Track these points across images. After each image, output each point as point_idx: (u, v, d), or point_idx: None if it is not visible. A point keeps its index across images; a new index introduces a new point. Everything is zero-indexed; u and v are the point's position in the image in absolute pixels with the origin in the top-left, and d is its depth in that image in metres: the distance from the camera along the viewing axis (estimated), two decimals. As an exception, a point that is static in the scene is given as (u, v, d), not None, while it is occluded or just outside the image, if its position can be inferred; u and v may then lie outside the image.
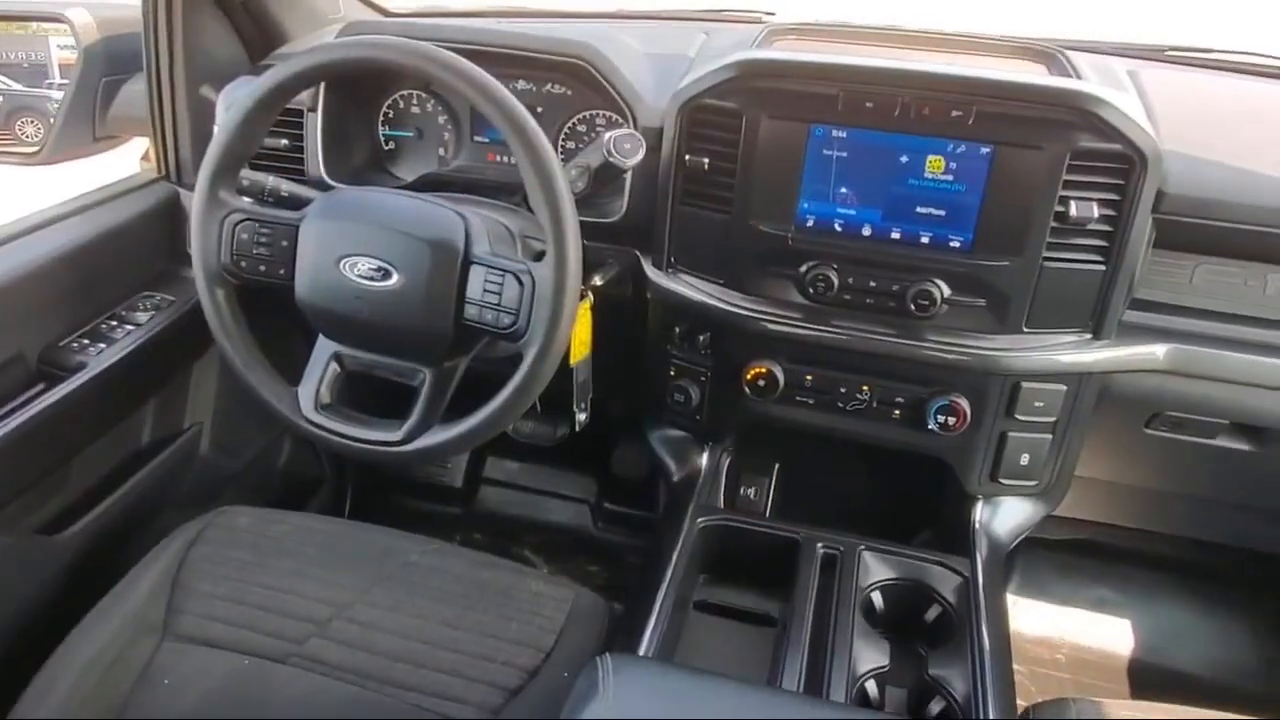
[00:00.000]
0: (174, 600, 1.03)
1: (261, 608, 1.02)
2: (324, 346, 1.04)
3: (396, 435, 1.00)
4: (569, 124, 1.28)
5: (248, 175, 1.07)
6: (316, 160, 1.26)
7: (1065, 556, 1.69)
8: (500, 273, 0.94)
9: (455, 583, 1.07)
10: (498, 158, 1.32)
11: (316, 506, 1.79)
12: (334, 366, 1.04)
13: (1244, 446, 1.17)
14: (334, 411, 1.03)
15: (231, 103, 1.27)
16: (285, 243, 1.00)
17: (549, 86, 1.27)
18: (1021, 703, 1.02)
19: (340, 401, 1.05)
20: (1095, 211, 1.01)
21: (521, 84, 1.27)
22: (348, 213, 1.00)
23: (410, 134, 1.35)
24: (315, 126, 1.26)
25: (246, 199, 1.07)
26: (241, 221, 1.01)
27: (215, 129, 1.30)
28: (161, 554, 1.07)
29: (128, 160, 1.49)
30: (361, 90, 1.32)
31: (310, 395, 1.03)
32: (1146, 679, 1.65)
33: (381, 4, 1.58)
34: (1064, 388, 1.11)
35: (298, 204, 1.05)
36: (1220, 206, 1.04)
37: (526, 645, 1.00)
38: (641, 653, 0.97)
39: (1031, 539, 1.27)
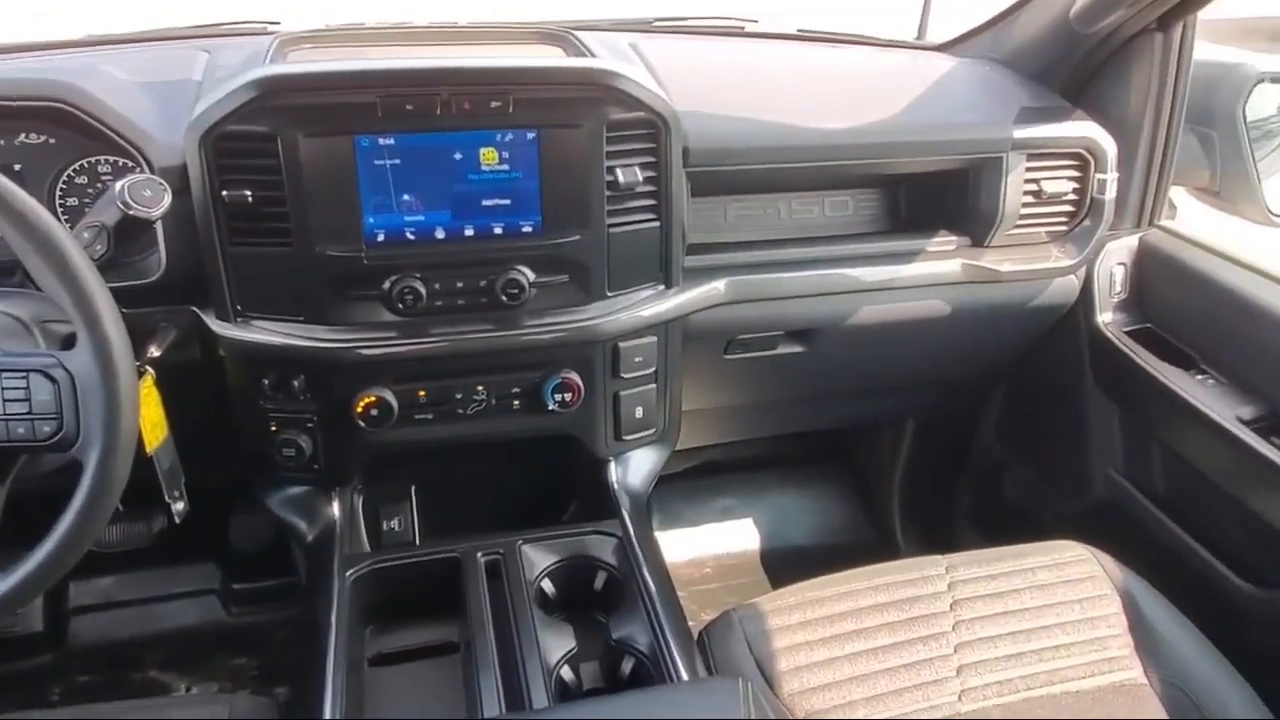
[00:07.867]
0: None
1: None
2: None
3: None
4: (63, 178, 1.09)
5: None
6: None
7: (690, 483, 1.88)
8: (20, 373, 0.78)
9: (68, 754, 0.88)
10: (-26, 233, 1.07)
11: None
12: None
13: (797, 349, 1.37)
14: None
15: None
16: None
17: (23, 137, 1.07)
18: (694, 626, 1.11)
19: None
20: (639, 175, 1.10)
21: (-18, 139, 1.04)
22: None
23: None
24: None
25: None
26: None
27: None
28: None
29: None
30: None
31: None
32: (776, 562, 1.91)
33: None
34: (654, 339, 1.20)
35: None
36: (733, 153, 1.20)
37: (186, 787, 0.86)
38: (326, 740, 0.88)
39: (661, 478, 1.37)
